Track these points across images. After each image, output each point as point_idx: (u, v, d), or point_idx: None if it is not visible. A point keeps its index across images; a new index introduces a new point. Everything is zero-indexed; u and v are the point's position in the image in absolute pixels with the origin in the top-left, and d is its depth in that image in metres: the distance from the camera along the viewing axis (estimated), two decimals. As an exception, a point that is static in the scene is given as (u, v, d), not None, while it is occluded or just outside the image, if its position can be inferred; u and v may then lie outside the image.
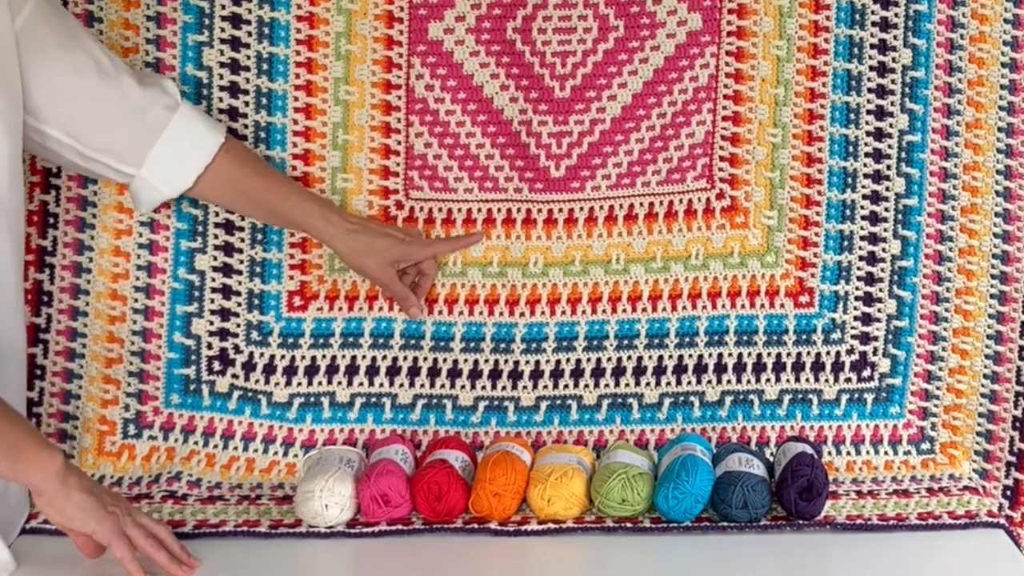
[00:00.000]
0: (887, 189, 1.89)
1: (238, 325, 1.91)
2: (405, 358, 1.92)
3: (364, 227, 1.86)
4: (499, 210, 1.93)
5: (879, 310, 1.91)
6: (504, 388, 1.92)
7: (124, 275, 1.89)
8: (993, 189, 1.87)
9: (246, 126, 1.89)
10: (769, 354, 1.91)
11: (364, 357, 1.92)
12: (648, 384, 1.91)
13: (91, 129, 1.72)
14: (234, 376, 1.91)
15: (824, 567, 1.67)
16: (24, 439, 1.51)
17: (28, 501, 1.73)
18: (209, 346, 1.91)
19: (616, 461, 1.76)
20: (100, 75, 1.71)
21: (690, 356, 1.92)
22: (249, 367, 1.91)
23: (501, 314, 1.93)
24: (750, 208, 1.91)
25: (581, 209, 1.92)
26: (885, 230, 1.90)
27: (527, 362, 1.92)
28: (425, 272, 1.91)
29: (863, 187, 1.89)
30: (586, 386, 1.92)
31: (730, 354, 1.91)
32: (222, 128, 1.82)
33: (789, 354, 1.91)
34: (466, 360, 1.93)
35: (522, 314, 1.93)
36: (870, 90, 1.87)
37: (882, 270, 1.90)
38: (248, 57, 1.88)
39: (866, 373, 1.91)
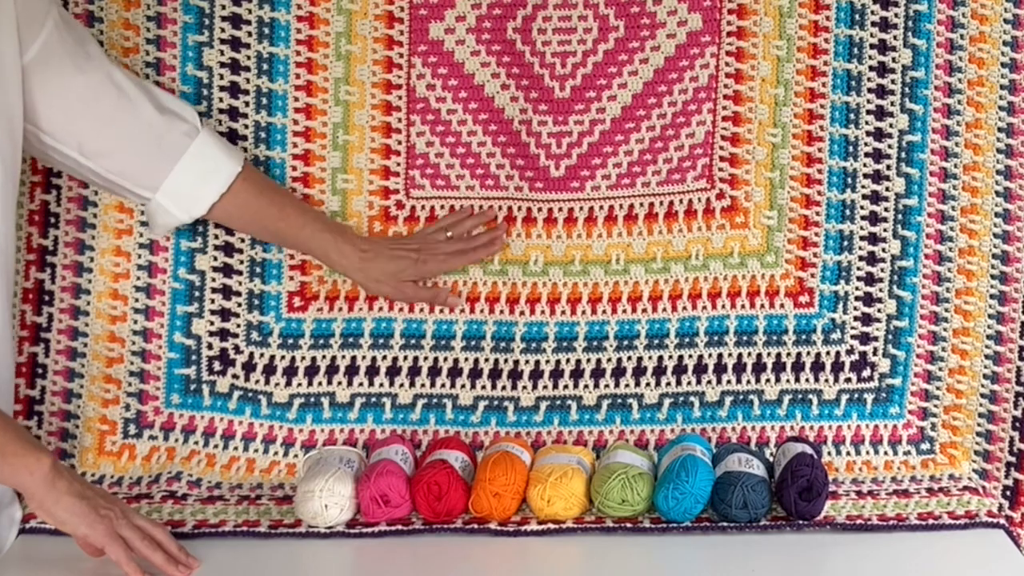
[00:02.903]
0: (887, 189, 1.89)
1: (238, 325, 1.91)
2: (405, 358, 1.92)
3: (376, 252, 1.87)
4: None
5: (879, 310, 1.91)
6: (504, 388, 1.92)
7: (125, 275, 1.89)
8: (993, 189, 1.87)
9: (246, 126, 1.89)
10: (769, 354, 1.91)
11: (364, 357, 1.92)
12: (648, 384, 1.91)
13: (108, 153, 1.73)
14: (234, 376, 1.91)
15: (824, 567, 1.68)
16: (10, 442, 1.51)
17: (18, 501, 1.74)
18: (209, 346, 1.91)
19: (616, 461, 1.76)
20: (118, 98, 1.73)
21: (690, 356, 1.92)
22: (249, 367, 1.91)
23: (502, 312, 1.93)
24: (750, 208, 1.91)
25: (581, 209, 1.92)
26: (885, 230, 1.90)
27: (527, 362, 1.92)
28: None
29: (863, 187, 1.89)
30: (586, 386, 1.92)
31: (730, 354, 1.91)
32: (240, 155, 1.83)
33: (789, 354, 1.91)
34: (466, 359, 1.93)
35: (522, 313, 1.93)
36: (870, 90, 1.87)
37: (882, 270, 1.90)
38: (248, 57, 1.89)
39: (866, 373, 1.91)
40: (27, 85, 1.65)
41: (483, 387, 1.92)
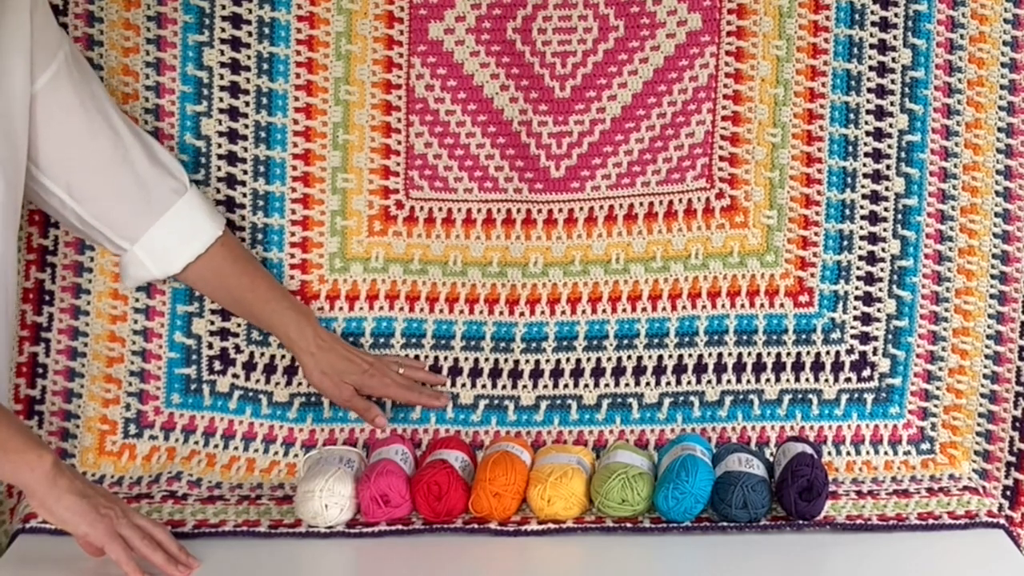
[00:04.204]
0: (887, 189, 1.89)
1: (238, 325, 1.91)
2: (405, 357, 1.92)
3: (331, 347, 1.86)
4: (499, 210, 1.93)
5: (879, 310, 1.91)
6: (504, 387, 1.92)
7: (125, 274, 1.90)
8: (993, 189, 1.87)
9: (246, 126, 1.89)
10: (769, 354, 1.91)
11: (364, 357, 1.92)
12: (648, 384, 1.92)
13: (95, 197, 1.74)
14: (235, 376, 1.91)
15: (824, 567, 1.68)
16: (12, 438, 1.51)
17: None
18: (210, 346, 1.91)
19: (616, 461, 1.76)
20: (114, 142, 1.74)
21: (690, 356, 1.92)
22: (250, 367, 1.91)
23: (501, 313, 1.93)
24: (750, 208, 1.91)
25: (581, 209, 1.92)
26: (885, 230, 1.90)
27: (527, 361, 1.92)
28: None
29: (863, 187, 1.89)
30: (586, 386, 1.92)
31: (730, 354, 1.91)
32: (221, 221, 1.84)
33: (789, 354, 1.91)
34: (467, 358, 1.93)
35: (522, 314, 1.93)
36: (870, 90, 1.87)
37: (882, 270, 1.90)
38: (248, 57, 1.89)
39: (866, 373, 1.91)
40: (30, 113, 1.66)
41: (483, 386, 1.92)
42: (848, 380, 1.91)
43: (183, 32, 1.87)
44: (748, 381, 1.91)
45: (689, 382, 1.91)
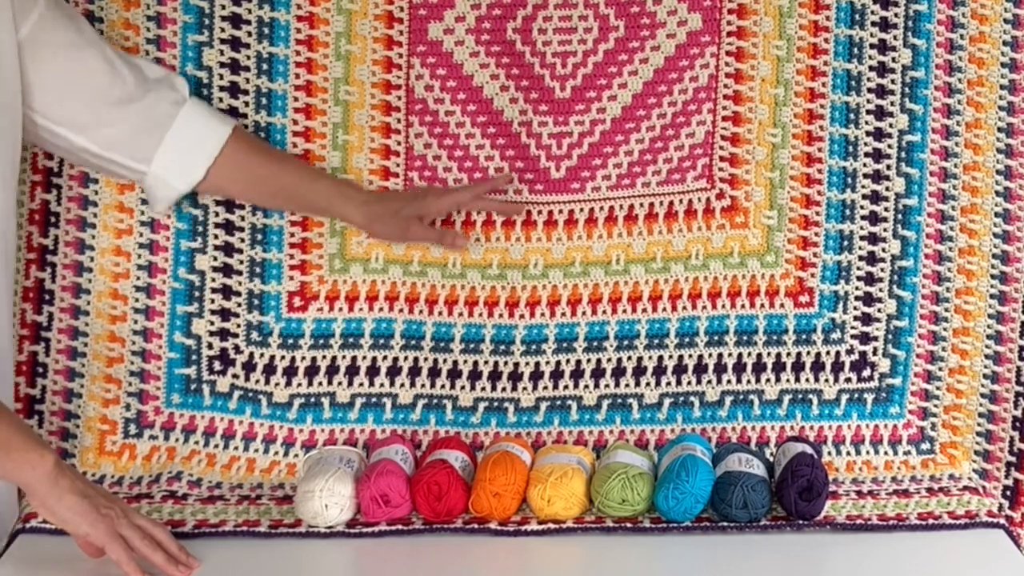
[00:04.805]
0: (887, 189, 1.89)
1: (238, 325, 1.91)
2: (405, 358, 1.92)
3: (380, 196, 1.87)
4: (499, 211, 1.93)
5: (879, 310, 1.91)
6: (504, 389, 1.92)
7: (125, 274, 1.90)
8: (993, 189, 1.87)
9: (246, 126, 1.89)
10: (769, 354, 1.91)
11: (364, 358, 1.92)
12: (648, 384, 1.92)
13: (100, 126, 1.74)
14: (235, 376, 1.91)
15: (824, 567, 1.68)
16: (14, 437, 1.51)
17: (18, 503, 1.74)
18: (210, 346, 1.91)
19: (616, 461, 1.76)
20: (110, 74, 1.74)
21: (690, 356, 1.92)
22: (249, 367, 1.91)
23: (501, 316, 1.93)
24: (750, 208, 1.91)
25: (581, 210, 1.92)
26: (885, 230, 1.90)
27: (527, 363, 1.92)
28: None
29: (863, 187, 1.89)
30: (586, 387, 1.92)
31: (730, 354, 1.91)
32: (231, 120, 1.83)
33: (789, 354, 1.91)
34: (466, 361, 1.93)
35: (522, 316, 1.93)
36: (870, 90, 1.88)
37: (882, 270, 1.90)
38: (248, 57, 1.89)
39: (866, 373, 1.91)
40: (20, 64, 1.66)
41: (483, 388, 1.92)
42: (848, 380, 1.91)
43: (183, 32, 1.87)
44: (748, 381, 1.91)
45: (689, 382, 1.91)
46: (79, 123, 1.73)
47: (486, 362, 1.92)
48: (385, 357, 1.92)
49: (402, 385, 1.92)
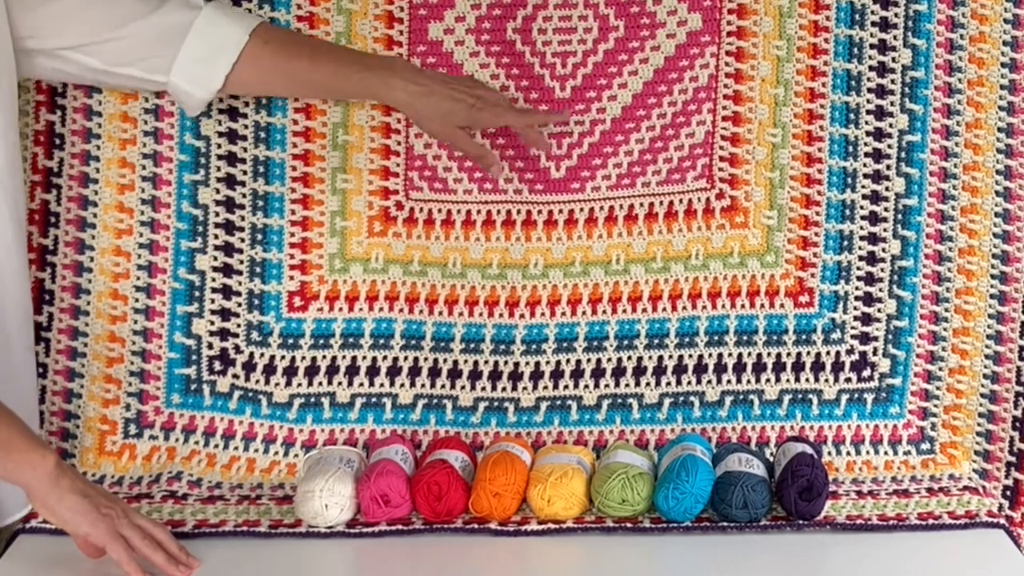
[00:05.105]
0: (887, 189, 1.89)
1: (238, 325, 1.91)
2: (405, 358, 1.92)
3: (431, 90, 1.79)
4: (499, 212, 1.92)
5: (879, 310, 1.91)
6: (504, 389, 1.92)
7: (125, 274, 1.90)
8: (993, 189, 1.87)
9: (246, 126, 1.89)
10: (769, 354, 1.91)
11: (364, 358, 1.92)
12: (648, 384, 1.91)
13: (113, 47, 1.72)
14: (235, 376, 1.91)
15: (824, 567, 1.68)
16: (15, 437, 1.51)
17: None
18: (210, 346, 1.91)
19: (616, 461, 1.76)
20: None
21: (690, 356, 1.92)
22: (249, 367, 1.91)
23: (501, 315, 1.93)
24: (750, 208, 1.91)
25: (581, 210, 1.92)
26: (885, 230, 1.90)
27: (527, 363, 1.92)
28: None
29: (863, 187, 1.89)
30: (586, 386, 1.92)
31: (730, 354, 1.91)
32: (250, 21, 1.80)
33: (789, 354, 1.91)
34: (466, 361, 1.93)
35: (522, 316, 1.93)
36: (870, 90, 1.88)
37: (882, 270, 1.90)
38: (248, 57, 1.89)
39: (866, 373, 1.91)
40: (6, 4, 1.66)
41: (483, 388, 1.92)
42: (848, 380, 1.91)
43: (183, 32, 1.87)
44: (748, 381, 1.91)
45: (689, 382, 1.91)
46: (89, 45, 1.71)
47: (486, 362, 1.92)
48: (385, 357, 1.92)
49: (402, 385, 1.92)
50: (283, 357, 1.91)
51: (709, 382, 1.91)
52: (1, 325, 1.71)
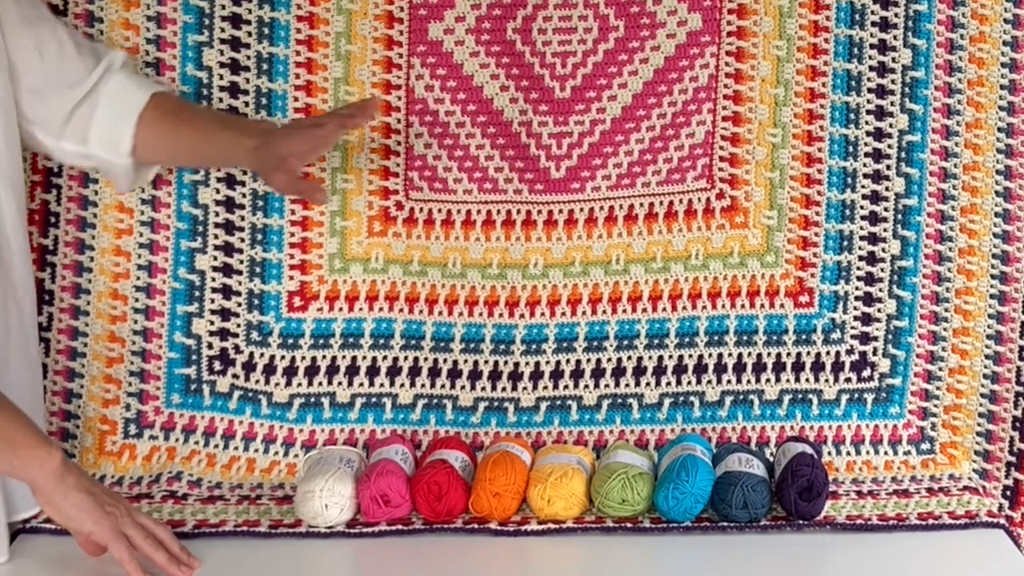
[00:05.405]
0: (887, 189, 1.89)
1: (238, 325, 1.91)
2: (405, 358, 1.92)
3: (267, 140, 1.77)
4: (499, 211, 1.92)
5: (879, 310, 1.91)
6: (504, 389, 1.92)
7: (125, 274, 1.90)
8: (993, 189, 1.87)
9: (246, 126, 1.90)
10: (769, 354, 1.91)
11: (364, 358, 1.92)
12: (648, 384, 1.92)
13: (42, 109, 1.74)
14: (235, 376, 1.91)
15: (824, 567, 1.68)
16: (21, 434, 1.51)
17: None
18: (210, 346, 1.91)
19: (616, 461, 1.76)
20: (59, 56, 1.73)
21: (690, 356, 1.92)
22: (249, 367, 1.91)
23: (501, 315, 1.93)
24: (750, 208, 1.91)
25: (581, 210, 1.92)
26: (885, 230, 1.90)
27: (527, 363, 1.92)
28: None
29: (863, 187, 1.89)
30: (586, 386, 1.92)
31: (730, 354, 1.91)
32: (151, 87, 1.80)
33: (789, 354, 1.91)
34: (466, 361, 1.93)
35: (522, 315, 1.93)
36: (870, 90, 1.88)
37: (882, 270, 1.90)
38: (248, 57, 1.89)
39: (866, 373, 1.91)
40: None
41: (483, 388, 1.92)
42: (848, 380, 1.91)
43: (183, 32, 1.87)
44: (748, 381, 1.91)
45: (689, 382, 1.91)
46: (25, 105, 1.72)
47: (486, 362, 1.93)
48: (385, 357, 1.92)
49: (402, 385, 1.92)
50: (283, 357, 1.91)
51: (709, 382, 1.91)
52: (8, 321, 1.71)
